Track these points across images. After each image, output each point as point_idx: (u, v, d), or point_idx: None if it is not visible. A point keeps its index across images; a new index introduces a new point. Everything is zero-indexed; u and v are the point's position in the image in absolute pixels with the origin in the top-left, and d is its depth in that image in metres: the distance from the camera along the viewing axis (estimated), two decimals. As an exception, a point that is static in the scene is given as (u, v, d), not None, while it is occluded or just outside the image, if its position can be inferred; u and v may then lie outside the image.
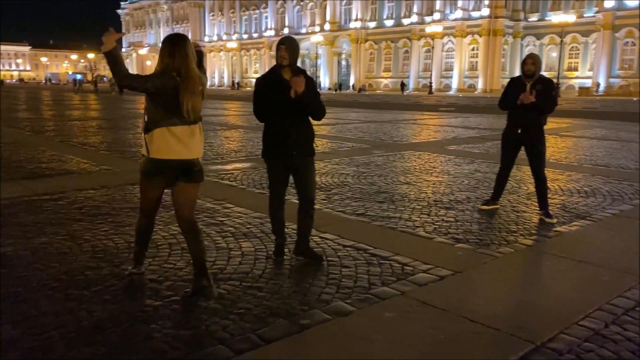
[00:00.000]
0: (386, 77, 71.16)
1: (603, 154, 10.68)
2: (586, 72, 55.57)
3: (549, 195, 6.66)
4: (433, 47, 61.59)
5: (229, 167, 8.57)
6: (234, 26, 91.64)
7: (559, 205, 6.23)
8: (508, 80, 5.84)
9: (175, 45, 3.33)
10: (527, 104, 5.33)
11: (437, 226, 5.27)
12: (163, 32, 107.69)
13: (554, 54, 55.86)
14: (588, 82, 53.98)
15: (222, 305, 3.33)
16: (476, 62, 61.73)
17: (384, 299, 3.51)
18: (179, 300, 3.39)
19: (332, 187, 7.07)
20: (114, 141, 11.93)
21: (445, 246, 4.68)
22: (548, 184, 7.31)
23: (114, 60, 3.24)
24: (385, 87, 70.21)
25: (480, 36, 60.17)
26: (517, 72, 59.70)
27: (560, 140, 13.31)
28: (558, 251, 4.58)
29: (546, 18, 56.93)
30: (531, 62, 5.40)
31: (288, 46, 3.95)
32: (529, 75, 5.43)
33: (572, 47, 56.85)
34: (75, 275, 3.80)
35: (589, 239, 5.01)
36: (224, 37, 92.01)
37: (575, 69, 56.82)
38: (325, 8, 75.74)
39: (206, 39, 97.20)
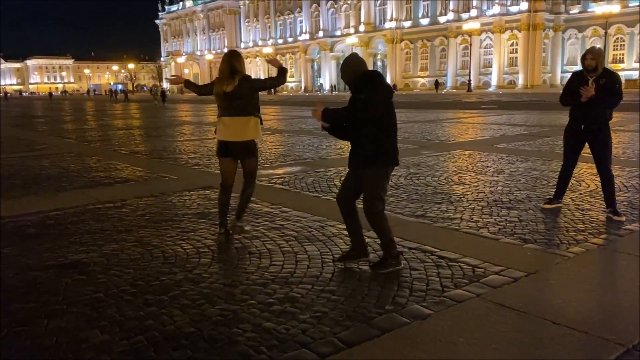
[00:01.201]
0: (423, 77, 70.47)
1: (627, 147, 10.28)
2: (632, 63, 53.66)
3: (617, 193, 6.49)
4: (471, 44, 60.61)
5: (279, 171, 8.63)
6: (269, 31, 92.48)
7: (625, 203, 6.02)
8: (550, 75, 5.68)
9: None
10: (589, 97, 5.18)
11: (501, 227, 5.17)
12: (200, 40, 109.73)
13: (598, 46, 54.05)
14: (635, 74, 52.06)
15: (299, 309, 3.34)
16: (516, 57, 60.47)
17: (459, 301, 3.46)
18: (256, 304, 3.42)
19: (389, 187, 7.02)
20: (164, 149, 12.19)
21: (513, 247, 4.58)
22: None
23: (189, 85, 5.35)
24: (422, 87, 69.54)
25: (520, 31, 58.89)
26: (559, 67, 58.34)
27: (614, 135, 12.78)
28: (633, 250, 4.42)
29: (588, 9, 55.31)
30: (591, 57, 5.25)
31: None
32: (591, 70, 5.27)
33: (617, 38, 55.04)
34: (150, 280, 3.88)
35: (663, 236, 4.82)
36: (260, 43, 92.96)
37: (621, 61, 54.93)
38: (359, 9, 75.61)
39: (242, 45, 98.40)
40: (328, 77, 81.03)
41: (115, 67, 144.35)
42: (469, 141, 12.41)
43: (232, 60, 4.84)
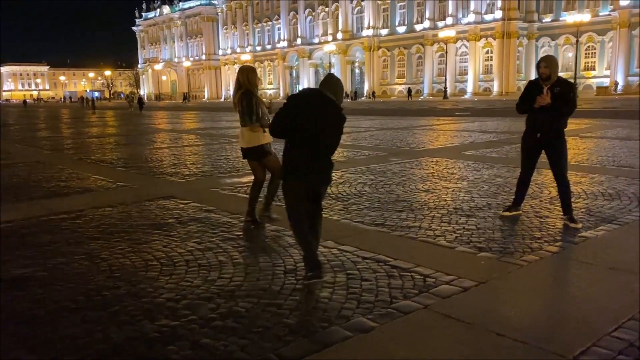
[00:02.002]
0: (400, 84, 70.93)
1: (626, 155, 10.44)
2: (604, 71, 54.80)
3: (572, 199, 6.53)
4: (447, 52, 61.27)
5: (245, 179, 8.52)
6: (247, 39, 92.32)
7: (583, 210, 6.06)
8: (524, 82, 5.71)
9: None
10: (544, 105, 5.21)
11: (458, 235, 5.15)
12: (177, 47, 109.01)
13: (570, 54, 55.25)
14: (606, 82, 53.21)
15: (241, 324, 3.25)
16: (491, 65, 61.28)
17: (406, 313, 3.41)
18: (197, 320, 3.32)
19: (349, 197, 6.98)
20: (130, 157, 11.99)
21: (467, 255, 4.55)
22: (571, 188, 7.17)
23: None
24: (399, 94, 69.94)
25: (494, 39, 59.71)
26: (533, 74, 59.35)
27: (581, 141, 13.07)
28: (585, 258, 4.43)
29: (560, 18, 56.35)
30: (544, 65, 5.28)
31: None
32: (545, 78, 5.31)
33: (588, 46, 56.16)
34: (92, 295, 3.76)
35: (616, 243, 4.85)
36: (238, 50, 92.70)
37: (593, 69, 56.07)
38: (337, 17, 75.95)
39: (220, 52, 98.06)
40: (306, 84, 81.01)
41: (91, 74, 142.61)
42: (438, 148, 12.46)
43: (238, 74, 5.48)
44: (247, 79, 5.41)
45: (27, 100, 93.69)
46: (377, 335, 3.12)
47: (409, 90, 63.88)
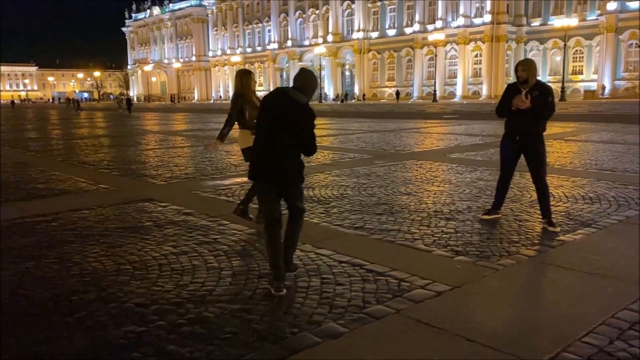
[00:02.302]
0: (390, 86, 71.13)
1: (609, 158, 10.49)
2: (591, 75, 55.28)
3: (552, 203, 6.53)
4: (436, 55, 61.60)
5: (227, 182, 8.47)
6: (237, 40, 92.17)
7: (563, 213, 6.06)
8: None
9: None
10: (524, 109, 5.21)
11: (437, 238, 5.13)
12: (167, 49, 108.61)
13: (558, 58, 55.69)
14: (593, 85, 53.69)
15: (209, 330, 3.20)
16: (480, 68, 61.63)
17: (378, 318, 3.37)
18: (165, 326, 3.26)
19: (331, 199, 6.95)
20: (114, 159, 11.87)
21: (444, 259, 4.53)
22: (552, 191, 7.19)
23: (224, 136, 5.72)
24: (389, 97, 70.13)
25: (483, 42, 60.10)
26: (522, 78, 59.98)
27: (566, 145, 13.13)
28: (561, 262, 4.42)
29: (549, 22, 56.82)
30: (522, 68, 5.28)
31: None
32: (523, 82, 5.31)
33: (576, 50, 56.64)
34: (60, 301, 3.68)
35: (593, 248, 4.84)
36: (228, 52, 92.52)
37: (580, 73, 56.55)
38: (327, 20, 76.04)
39: (210, 53, 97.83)
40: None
41: (80, 75, 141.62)
42: (423, 151, 12.46)
43: (235, 78, 5.62)
44: (240, 82, 5.53)
45: (15, 101, 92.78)
46: (346, 341, 3.08)
47: (397, 93, 64.57)
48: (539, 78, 5.49)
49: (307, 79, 3.94)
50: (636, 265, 4.29)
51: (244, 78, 5.52)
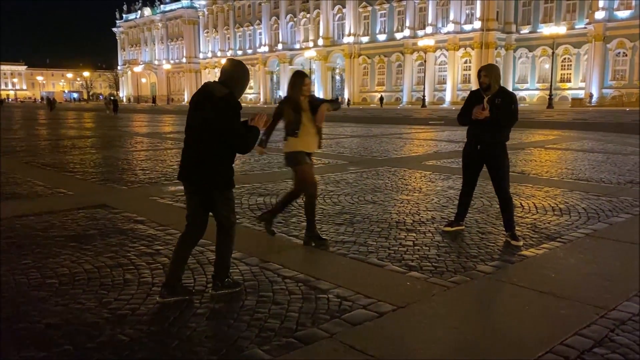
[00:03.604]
0: (380, 91, 71.02)
1: (586, 167, 10.30)
2: (579, 83, 55.44)
3: (521, 214, 6.33)
4: (426, 61, 61.56)
5: (190, 188, 8.15)
6: (228, 43, 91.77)
7: (529, 225, 5.83)
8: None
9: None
10: (482, 119, 4.97)
11: (392, 251, 4.86)
12: (158, 50, 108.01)
13: (547, 66, 55.85)
14: (581, 93, 53.85)
15: (117, 356, 2.91)
16: (469, 74, 61.60)
17: (307, 343, 3.09)
18: (71, 350, 2.96)
19: (292, 208, 6.66)
20: (81, 162, 11.51)
21: (395, 275, 4.27)
22: (522, 202, 6.99)
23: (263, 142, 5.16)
24: (379, 101, 70.05)
25: (473, 49, 60.16)
26: (511, 85, 59.81)
27: (545, 153, 12.95)
28: (518, 279, 4.18)
29: (538, 30, 56.96)
30: (484, 74, 5.07)
31: None
32: (485, 88, 5.08)
33: (565, 58, 56.79)
34: (-34, 319, 3.37)
35: (554, 264, 4.60)
36: (219, 54, 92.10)
37: (568, 80, 56.70)
38: (318, 24, 75.88)
39: (201, 55, 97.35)
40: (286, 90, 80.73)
41: (70, 75, 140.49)
42: (400, 157, 12.23)
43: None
44: (290, 83, 5.11)
45: (3, 100, 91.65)
46: (265, 370, 2.80)
47: (381, 98, 64.61)
48: (529, 85, 5.30)
49: (230, 70, 3.67)
50: (596, 284, 4.06)
51: (294, 79, 5.09)
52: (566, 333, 3.22)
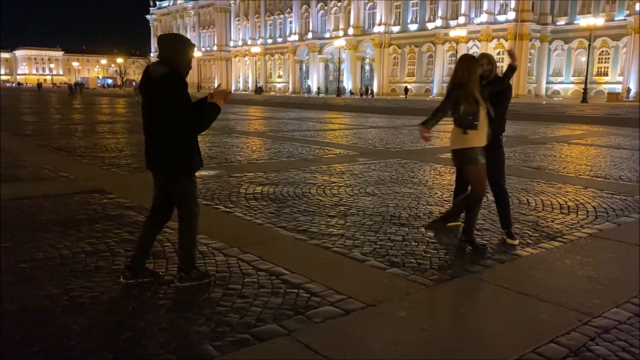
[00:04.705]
0: (410, 82, 70.12)
1: (607, 164, 9.86)
2: (616, 77, 53.67)
3: (524, 211, 6.09)
4: (457, 52, 60.34)
5: (192, 175, 8.08)
6: (258, 31, 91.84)
7: (530, 223, 5.56)
8: (535, 85, 5.22)
9: None
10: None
11: (379, 246, 4.68)
12: (190, 37, 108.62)
13: (583, 59, 54.15)
14: (618, 88, 52.10)
15: (61, 347, 2.82)
16: (502, 67, 59.97)
17: (262, 340, 2.96)
18: (12, 339, 2.89)
19: (288, 198, 6.53)
20: (93, 146, 11.59)
21: (374, 271, 4.09)
22: (531, 198, 6.72)
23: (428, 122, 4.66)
24: (408, 92, 69.19)
25: (506, 40, 58.71)
26: (544, 78, 58.35)
27: (567, 148, 12.48)
28: (503, 280, 3.95)
29: (575, 21, 55.27)
30: (487, 61, 4.84)
31: None
32: (487, 77, 4.84)
33: (602, 51, 55.04)
34: None
35: (547, 265, 4.35)
36: (249, 42, 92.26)
37: (605, 74, 54.94)
38: (349, 12, 75.19)
39: (231, 43, 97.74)
40: (316, 79, 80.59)
41: (104, 61, 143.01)
42: (414, 150, 11.95)
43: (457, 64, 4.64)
44: (462, 69, 4.52)
45: (41, 84, 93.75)
46: (209, 367, 2.67)
47: (406, 90, 63.65)
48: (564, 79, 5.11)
49: (165, 46, 3.48)
50: (585, 288, 3.81)
51: (469, 65, 4.47)
52: (541, 340, 3.00)
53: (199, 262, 4.14)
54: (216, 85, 3.85)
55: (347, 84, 75.85)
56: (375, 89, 72.21)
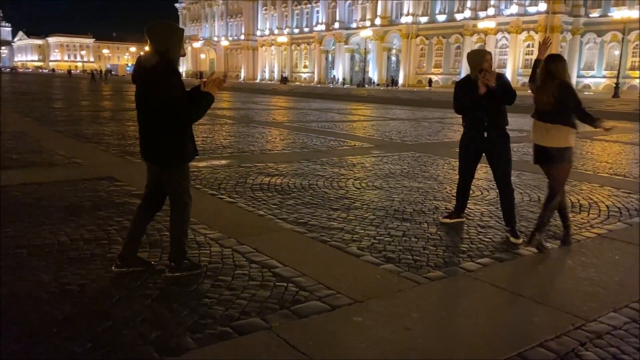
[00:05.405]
0: (437, 74, 69.23)
1: (628, 162, 9.58)
2: (651, 71, 52.08)
3: (533, 209, 5.94)
4: (485, 43, 59.36)
5: (202, 164, 8.12)
6: (285, 20, 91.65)
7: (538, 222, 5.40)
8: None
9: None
10: (491, 88, 4.62)
11: (377, 241, 4.62)
12: (217, 26, 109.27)
13: (617, 52, 52.62)
14: (655, 83, 50.57)
15: (41, 334, 2.84)
16: (531, 59, 58.96)
17: (242, 334, 2.94)
18: None
19: (294, 190, 6.49)
20: (112, 133, 11.74)
21: (367, 266, 4.03)
22: (542, 195, 6.52)
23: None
24: (435, 84, 68.35)
25: (537, 32, 57.39)
26: (575, 72, 56.84)
27: (589, 144, 12.16)
28: (499, 280, 3.85)
29: (608, 14, 53.71)
30: (490, 57, 4.80)
31: None
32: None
33: (637, 44, 53.37)
34: None
35: (548, 266, 4.24)
36: (276, 31, 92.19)
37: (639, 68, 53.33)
38: (376, 3, 74.46)
39: (258, 33, 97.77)
40: (341, 70, 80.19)
41: (133, 49, 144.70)
42: (431, 143, 11.78)
43: (550, 64, 4.53)
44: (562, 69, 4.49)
45: (72, 71, 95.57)
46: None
47: (430, 81, 62.81)
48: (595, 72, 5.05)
49: (155, 35, 3.43)
50: (584, 291, 3.69)
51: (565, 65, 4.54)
52: (528, 343, 2.91)
53: (193, 252, 4.16)
54: (223, 74, 3.78)
55: (373, 74, 75.28)
56: (400, 80, 71.49)
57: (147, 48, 3.55)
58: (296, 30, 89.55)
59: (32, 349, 2.70)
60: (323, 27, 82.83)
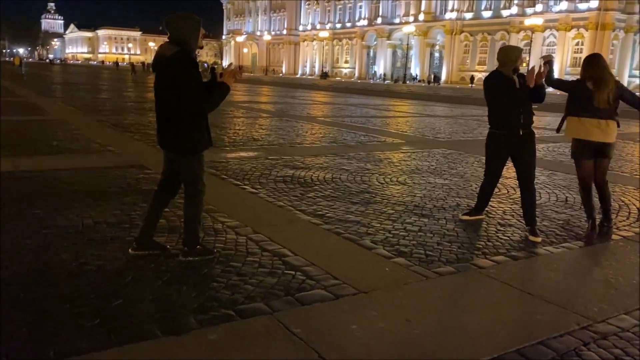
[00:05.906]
0: (481, 71, 67.90)
1: (669, 165, 9.21)
2: None
3: (559, 208, 5.84)
4: (532, 41, 57.86)
5: (231, 155, 8.28)
6: (328, 15, 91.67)
7: (561, 222, 5.32)
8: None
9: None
10: (538, 83, 4.70)
11: (392, 235, 4.63)
12: (261, 21, 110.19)
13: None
14: None
15: (56, 308, 3.00)
16: (580, 58, 57.05)
17: (244, 317, 3.02)
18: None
19: (316, 183, 6.55)
20: (149, 123, 12.05)
21: (378, 259, 4.05)
22: (569, 195, 6.43)
23: None
24: (478, 81, 67.08)
25: (587, 30, 55.60)
26: (627, 71, 54.76)
27: (631, 146, 11.78)
28: (509, 278, 3.81)
29: (665, 11, 51.53)
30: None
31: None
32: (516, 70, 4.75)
33: (693, 43, 51.09)
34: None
35: (563, 265, 4.16)
36: (318, 26, 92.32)
37: (695, 68, 51.03)
38: (420, -2, 73.65)
39: (301, 27, 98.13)
40: (382, 65, 79.72)
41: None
42: (464, 140, 11.63)
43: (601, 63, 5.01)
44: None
45: (119, 63, 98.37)
46: (184, 340, 2.75)
47: (472, 78, 61.90)
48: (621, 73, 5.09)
49: (174, 26, 3.54)
50: (597, 292, 3.63)
51: (599, 60, 5.01)
52: (529, 340, 2.89)
53: (210, 238, 4.28)
54: (233, 65, 3.87)
55: (415, 70, 74.51)
56: (443, 76, 70.52)
57: (167, 39, 3.67)
58: (338, 25, 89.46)
59: (41, 321, 2.85)
60: (365, 22, 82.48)
